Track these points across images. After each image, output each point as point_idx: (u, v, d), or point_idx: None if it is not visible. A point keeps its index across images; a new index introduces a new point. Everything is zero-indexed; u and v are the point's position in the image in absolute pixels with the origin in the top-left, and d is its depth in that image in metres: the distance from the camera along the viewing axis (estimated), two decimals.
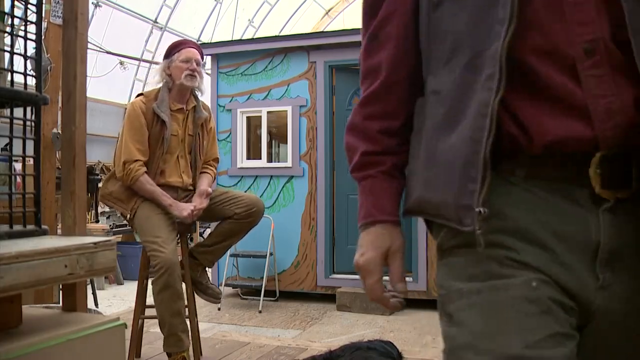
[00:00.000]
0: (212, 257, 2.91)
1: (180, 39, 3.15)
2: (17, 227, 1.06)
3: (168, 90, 2.86)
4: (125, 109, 8.54)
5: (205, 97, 5.50)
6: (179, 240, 2.95)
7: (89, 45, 2.11)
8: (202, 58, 2.95)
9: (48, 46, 3.27)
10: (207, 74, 7.96)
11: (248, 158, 5.38)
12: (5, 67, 1.12)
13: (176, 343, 2.62)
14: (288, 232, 5.12)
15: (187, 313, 2.79)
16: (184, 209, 2.72)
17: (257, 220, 2.88)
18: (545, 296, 0.73)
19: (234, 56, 5.35)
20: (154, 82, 2.93)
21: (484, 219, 0.73)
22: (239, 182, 5.32)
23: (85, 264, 1.00)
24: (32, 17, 1.12)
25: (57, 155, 3.42)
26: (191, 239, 7.69)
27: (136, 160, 2.70)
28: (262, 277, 4.94)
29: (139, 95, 2.91)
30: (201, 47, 5.61)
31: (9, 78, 1.11)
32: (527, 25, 0.73)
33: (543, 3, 0.73)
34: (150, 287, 2.69)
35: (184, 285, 2.82)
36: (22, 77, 1.12)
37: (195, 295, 2.96)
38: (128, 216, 2.77)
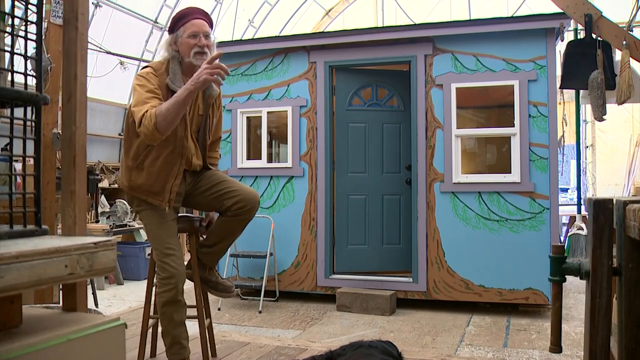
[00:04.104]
0: (214, 257, 2.88)
1: (184, 8, 2.68)
2: (18, 227, 1.06)
3: (179, 64, 2.59)
4: (126, 109, 8.55)
5: None
6: (187, 241, 2.92)
7: (89, 45, 2.10)
8: (211, 26, 2.64)
9: (48, 46, 3.27)
10: None
11: (248, 158, 5.39)
12: (6, 67, 1.12)
13: (179, 351, 2.62)
14: (288, 232, 5.12)
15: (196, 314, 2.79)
16: (201, 75, 2.36)
17: (250, 216, 2.75)
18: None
19: (234, 56, 5.35)
20: (162, 58, 2.64)
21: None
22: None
23: (86, 264, 1.00)
24: (33, 17, 1.13)
25: (57, 155, 3.43)
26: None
27: (147, 111, 2.40)
28: (262, 277, 4.94)
29: (145, 67, 2.64)
30: None
31: (9, 78, 1.12)
32: None
33: None
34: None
35: (192, 285, 2.80)
36: (22, 77, 1.12)
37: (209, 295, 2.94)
38: (166, 209, 2.60)
